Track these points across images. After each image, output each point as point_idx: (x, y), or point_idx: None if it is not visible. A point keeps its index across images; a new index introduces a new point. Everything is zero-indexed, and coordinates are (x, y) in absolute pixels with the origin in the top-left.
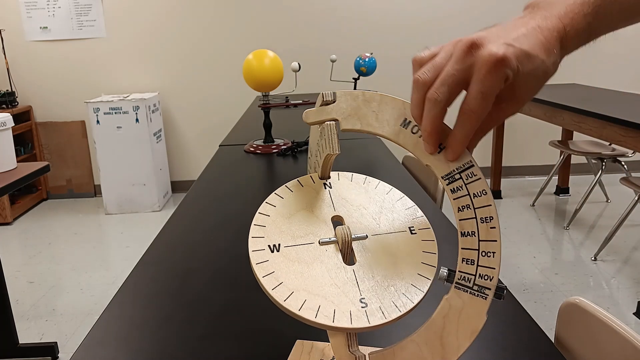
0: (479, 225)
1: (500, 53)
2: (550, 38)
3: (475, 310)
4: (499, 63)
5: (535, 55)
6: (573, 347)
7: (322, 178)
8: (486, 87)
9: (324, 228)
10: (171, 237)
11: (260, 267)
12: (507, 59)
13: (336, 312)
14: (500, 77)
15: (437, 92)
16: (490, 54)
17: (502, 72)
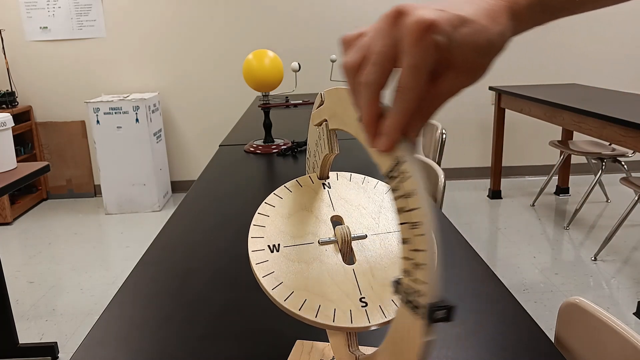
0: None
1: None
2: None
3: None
4: (427, 29)
5: (473, 20)
6: (573, 347)
7: (321, 178)
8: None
9: (324, 228)
10: (171, 237)
11: (260, 267)
12: (435, 24)
13: (336, 311)
14: (429, 45)
15: (366, 74)
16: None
17: (430, 39)
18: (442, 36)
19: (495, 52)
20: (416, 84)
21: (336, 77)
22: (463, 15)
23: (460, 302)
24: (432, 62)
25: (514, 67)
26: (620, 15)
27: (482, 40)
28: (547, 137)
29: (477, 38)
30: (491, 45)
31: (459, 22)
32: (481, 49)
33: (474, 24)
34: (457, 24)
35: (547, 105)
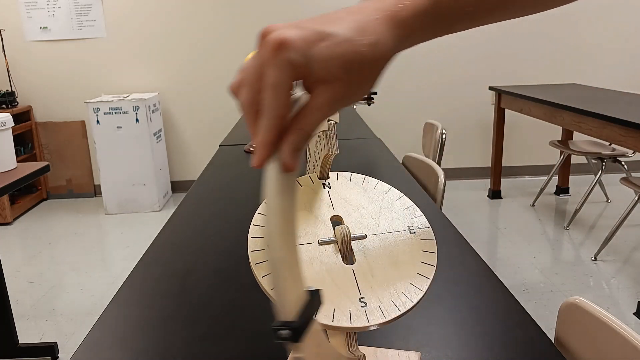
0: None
1: (278, 38)
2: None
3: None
4: (278, 47)
5: (334, 34)
6: (573, 347)
7: (321, 178)
8: (272, 76)
9: (323, 228)
10: (171, 237)
11: (259, 267)
12: (286, 42)
13: (336, 311)
14: (282, 63)
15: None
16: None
17: (283, 57)
18: (295, 54)
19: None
20: (276, 101)
21: None
22: (324, 30)
23: (460, 302)
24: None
25: (514, 67)
26: (621, 15)
27: (344, 53)
28: (547, 137)
29: (337, 51)
30: (358, 56)
31: (318, 38)
32: (346, 62)
33: (335, 38)
34: (315, 40)
35: (547, 105)
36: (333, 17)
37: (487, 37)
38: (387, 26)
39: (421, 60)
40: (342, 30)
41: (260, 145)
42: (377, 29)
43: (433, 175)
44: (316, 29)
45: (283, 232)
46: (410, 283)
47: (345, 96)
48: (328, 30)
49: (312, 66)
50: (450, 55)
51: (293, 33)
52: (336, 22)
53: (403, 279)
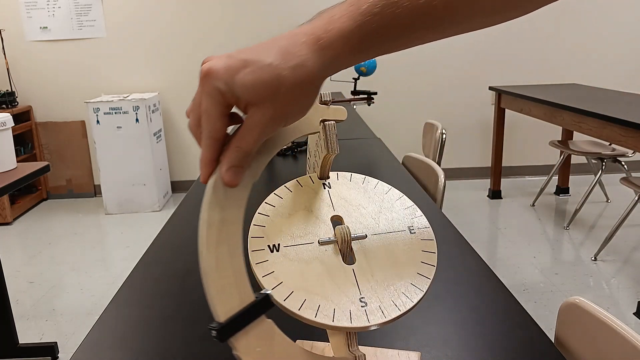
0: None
1: (205, 68)
2: (293, 43)
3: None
4: (204, 77)
5: (255, 60)
6: (573, 347)
7: (322, 178)
8: (203, 103)
9: (324, 228)
10: (171, 237)
11: (259, 267)
12: (210, 72)
13: (336, 311)
14: (209, 91)
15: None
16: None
17: (209, 85)
18: (218, 82)
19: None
20: (208, 125)
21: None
22: (247, 58)
23: (460, 302)
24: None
25: (514, 67)
26: (621, 15)
27: (267, 78)
28: (547, 137)
29: (260, 76)
30: (281, 80)
31: (242, 65)
32: (269, 86)
33: (256, 64)
34: (239, 68)
35: (547, 105)
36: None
37: (487, 37)
38: (312, 49)
39: (421, 61)
40: (266, 56)
41: (202, 163)
42: (301, 52)
43: (433, 175)
44: (242, 57)
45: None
46: (411, 283)
47: (277, 117)
48: (253, 57)
49: (237, 92)
50: (450, 56)
51: (220, 63)
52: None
53: (403, 278)
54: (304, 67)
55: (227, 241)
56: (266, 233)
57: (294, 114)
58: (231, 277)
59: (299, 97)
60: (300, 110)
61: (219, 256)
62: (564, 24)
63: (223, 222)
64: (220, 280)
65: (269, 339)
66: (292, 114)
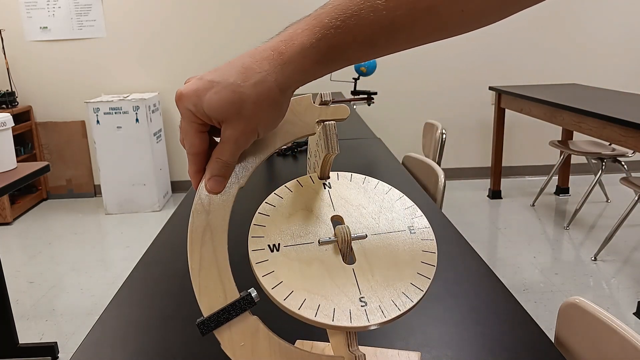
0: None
1: (178, 92)
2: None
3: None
4: (178, 99)
5: (219, 81)
6: (573, 347)
7: (322, 178)
8: (182, 123)
9: (324, 228)
10: (171, 237)
11: (259, 267)
12: (181, 96)
13: (336, 311)
14: (182, 112)
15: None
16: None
17: (182, 107)
18: (187, 103)
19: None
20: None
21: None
22: (212, 79)
23: (460, 302)
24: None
25: (514, 67)
26: (621, 15)
27: (229, 97)
28: (547, 137)
29: (223, 96)
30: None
31: (208, 87)
32: (232, 104)
33: (220, 84)
34: (205, 89)
35: (547, 105)
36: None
37: (488, 37)
38: (273, 64)
39: (421, 61)
40: (229, 75)
41: (189, 174)
42: (262, 68)
43: (433, 175)
44: (209, 79)
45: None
46: (411, 283)
47: (247, 131)
48: (218, 78)
49: (206, 112)
50: (450, 56)
51: (190, 86)
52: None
53: (403, 278)
54: (264, 82)
55: (211, 243)
56: (266, 233)
57: (264, 127)
58: (215, 276)
59: (265, 111)
60: (270, 123)
61: (202, 256)
62: (563, 24)
63: (208, 225)
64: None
65: (253, 335)
66: (262, 127)
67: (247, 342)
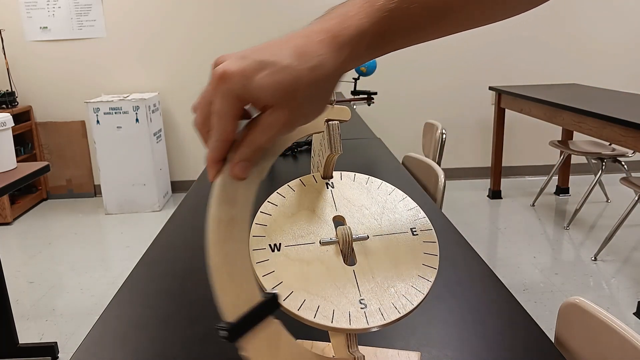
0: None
1: (221, 69)
2: (311, 41)
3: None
4: (220, 79)
5: (273, 62)
6: (573, 347)
7: (325, 178)
8: (216, 104)
9: (326, 228)
10: (171, 237)
11: (260, 266)
12: (226, 75)
13: (335, 312)
14: (224, 93)
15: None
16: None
17: (224, 88)
18: (234, 85)
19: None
20: (220, 127)
21: None
22: (263, 59)
23: (460, 302)
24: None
25: (514, 67)
26: (621, 15)
27: (285, 80)
28: (547, 137)
29: (278, 79)
30: (299, 82)
31: (259, 67)
32: (286, 88)
33: (274, 66)
34: (255, 70)
35: (547, 105)
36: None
37: (488, 37)
38: (330, 48)
39: (421, 60)
40: (282, 57)
41: (209, 162)
42: (318, 52)
43: (433, 175)
44: (258, 59)
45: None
46: (411, 285)
47: (294, 118)
48: (269, 59)
49: (253, 95)
50: (450, 56)
51: (235, 65)
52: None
53: (404, 281)
54: (322, 67)
55: (235, 239)
56: (268, 232)
57: (311, 114)
58: (239, 276)
59: (317, 97)
60: (317, 110)
61: (227, 254)
62: (563, 24)
63: (232, 219)
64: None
65: (277, 339)
66: (309, 115)
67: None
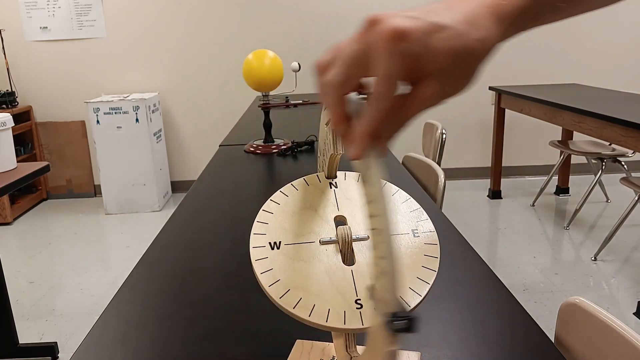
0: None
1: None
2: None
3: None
4: (398, 38)
5: (449, 26)
6: (573, 347)
7: (329, 177)
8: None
9: (326, 228)
10: (171, 237)
11: (259, 264)
12: (406, 33)
13: (330, 311)
14: (399, 53)
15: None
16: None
17: (400, 47)
18: (413, 45)
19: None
20: (387, 92)
21: None
22: (438, 22)
23: (460, 302)
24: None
25: (514, 67)
26: (621, 15)
27: (459, 47)
28: (547, 137)
29: (453, 45)
30: (470, 51)
31: (434, 29)
32: (459, 56)
33: (450, 31)
34: (431, 31)
35: (547, 105)
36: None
37: None
38: (492, 21)
39: None
40: (456, 23)
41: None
42: (485, 24)
43: (433, 175)
44: (430, 20)
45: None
46: (409, 287)
47: (450, 89)
48: (442, 22)
49: (424, 58)
50: None
51: (410, 23)
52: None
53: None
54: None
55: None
56: (268, 230)
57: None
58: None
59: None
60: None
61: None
62: (564, 24)
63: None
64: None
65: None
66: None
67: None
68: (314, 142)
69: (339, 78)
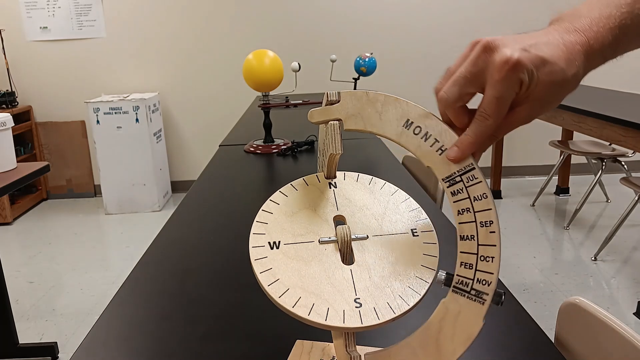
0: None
1: (515, 57)
2: (573, 50)
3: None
4: (514, 67)
5: (553, 62)
6: (573, 347)
7: (328, 177)
8: (500, 91)
9: (326, 227)
10: (171, 237)
11: (258, 263)
12: (521, 63)
13: (329, 310)
14: (514, 81)
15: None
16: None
17: (516, 76)
18: (525, 74)
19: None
20: (497, 113)
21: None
22: (543, 56)
23: None
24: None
25: None
26: None
27: (559, 80)
28: (547, 137)
29: (555, 78)
30: (566, 85)
31: (541, 63)
32: (557, 88)
33: (554, 66)
34: (538, 65)
35: None
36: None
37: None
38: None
39: (421, 61)
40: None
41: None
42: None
43: (433, 176)
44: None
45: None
46: (408, 286)
47: (539, 114)
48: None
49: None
50: (450, 56)
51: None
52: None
53: (401, 281)
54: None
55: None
56: (268, 230)
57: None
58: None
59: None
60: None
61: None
62: None
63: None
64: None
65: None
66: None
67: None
68: (313, 142)
69: (453, 95)
